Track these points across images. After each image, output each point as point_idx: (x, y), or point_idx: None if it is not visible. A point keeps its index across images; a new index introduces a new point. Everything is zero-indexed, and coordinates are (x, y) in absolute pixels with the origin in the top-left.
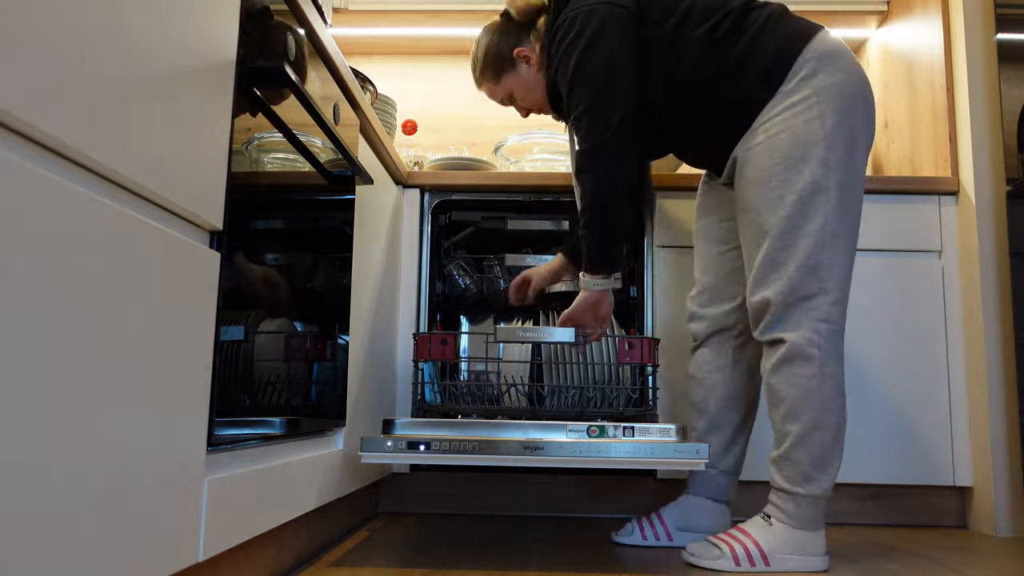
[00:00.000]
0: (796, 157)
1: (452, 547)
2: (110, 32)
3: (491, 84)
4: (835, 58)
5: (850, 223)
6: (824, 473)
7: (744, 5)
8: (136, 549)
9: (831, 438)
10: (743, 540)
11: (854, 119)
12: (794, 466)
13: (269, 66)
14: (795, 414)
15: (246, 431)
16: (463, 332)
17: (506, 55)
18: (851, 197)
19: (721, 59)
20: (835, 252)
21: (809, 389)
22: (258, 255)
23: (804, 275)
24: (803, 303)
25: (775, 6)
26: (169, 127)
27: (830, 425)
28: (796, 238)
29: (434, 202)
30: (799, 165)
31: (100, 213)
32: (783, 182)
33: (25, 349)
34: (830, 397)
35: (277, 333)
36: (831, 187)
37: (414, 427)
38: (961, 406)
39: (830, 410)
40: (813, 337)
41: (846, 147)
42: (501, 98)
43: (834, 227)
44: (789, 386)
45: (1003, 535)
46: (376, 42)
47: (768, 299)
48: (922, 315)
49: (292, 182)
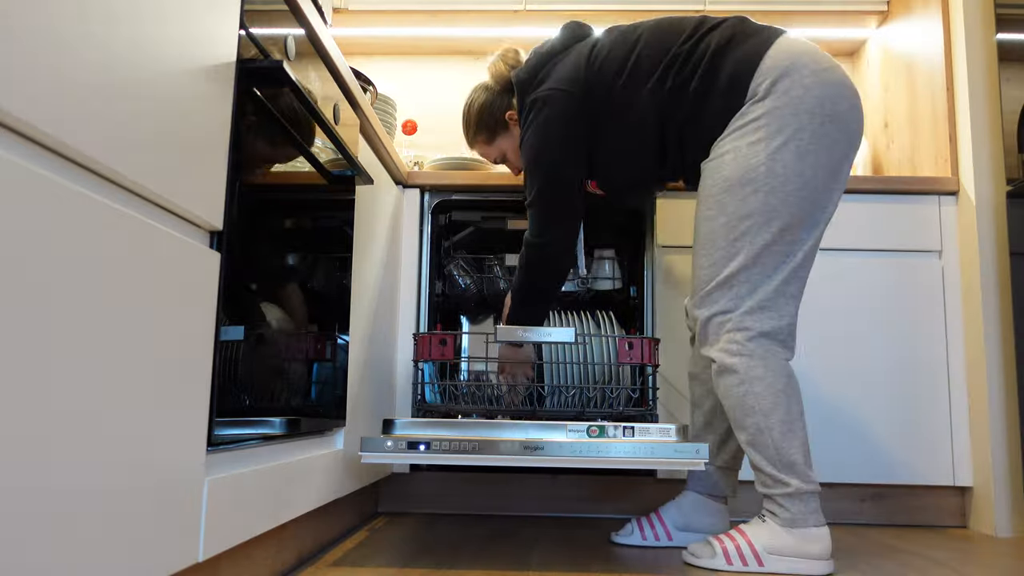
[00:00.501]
0: (734, 180)
1: (452, 547)
2: (110, 32)
3: (484, 145)
4: (790, 72)
5: (785, 249)
6: (791, 471)
7: (691, 36)
8: (136, 549)
9: (780, 435)
10: (737, 539)
11: (808, 135)
12: (759, 471)
13: (269, 66)
14: (739, 423)
15: (246, 431)
16: (463, 332)
17: (499, 117)
18: (791, 217)
19: (677, 105)
20: (755, 272)
21: (739, 396)
22: (258, 255)
23: (720, 290)
24: (716, 318)
25: (726, 24)
26: (169, 127)
27: (772, 425)
28: (717, 257)
29: (434, 202)
30: (735, 188)
31: (100, 213)
32: (718, 203)
33: (24, 349)
34: (764, 398)
35: (277, 333)
36: (763, 211)
37: (414, 427)
38: (961, 406)
39: (769, 411)
40: (730, 347)
41: (792, 167)
42: (495, 158)
43: (757, 250)
44: (726, 398)
45: (1003, 535)
46: (376, 42)
47: (694, 315)
48: (922, 315)
49: (292, 182)
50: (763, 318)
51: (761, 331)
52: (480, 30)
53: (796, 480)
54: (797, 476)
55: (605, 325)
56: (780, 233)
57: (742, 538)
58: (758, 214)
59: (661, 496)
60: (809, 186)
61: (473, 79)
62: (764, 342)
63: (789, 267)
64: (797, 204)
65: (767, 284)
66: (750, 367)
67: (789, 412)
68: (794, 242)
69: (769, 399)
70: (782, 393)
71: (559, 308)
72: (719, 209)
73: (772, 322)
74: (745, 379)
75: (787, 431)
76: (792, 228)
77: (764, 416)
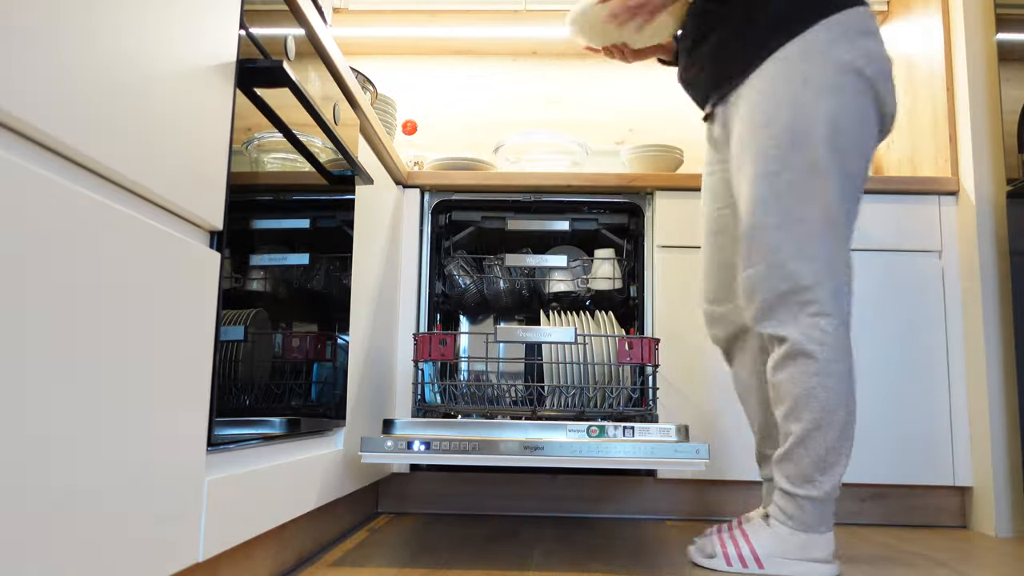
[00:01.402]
0: (799, 130)
1: (452, 547)
2: (110, 32)
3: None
4: (863, 34)
5: (849, 211)
6: (826, 475)
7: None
8: (136, 549)
9: (835, 437)
10: (738, 540)
11: (864, 103)
12: (795, 466)
13: (269, 66)
14: (797, 413)
15: (246, 431)
16: (463, 332)
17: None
18: (852, 185)
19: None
20: (833, 243)
21: (811, 387)
22: (258, 255)
23: (798, 261)
24: (795, 296)
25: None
26: (169, 127)
27: (834, 423)
28: (786, 220)
29: (434, 202)
30: (801, 140)
31: (100, 213)
32: (779, 154)
33: (24, 349)
34: (835, 394)
35: (277, 333)
36: (832, 170)
37: (414, 427)
38: (961, 406)
39: (835, 408)
40: (814, 334)
41: (852, 130)
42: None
43: (834, 215)
44: (792, 384)
45: (1003, 535)
46: (376, 42)
47: (754, 282)
48: (922, 315)
49: (292, 182)
50: (844, 302)
51: (844, 320)
52: (480, 30)
53: (829, 485)
54: (832, 480)
55: (605, 325)
56: (845, 196)
57: (743, 540)
58: (831, 173)
59: (661, 496)
60: (863, 157)
61: (473, 79)
62: (844, 334)
63: (849, 239)
64: (856, 174)
65: (844, 258)
66: (831, 360)
67: (849, 414)
68: (852, 215)
69: (839, 397)
70: (850, 393)
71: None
72: (779, 163)
73: (847, 310)
74: (823, 371)
75: (844, 433)
76: (854, 196)
77: (829, 413)
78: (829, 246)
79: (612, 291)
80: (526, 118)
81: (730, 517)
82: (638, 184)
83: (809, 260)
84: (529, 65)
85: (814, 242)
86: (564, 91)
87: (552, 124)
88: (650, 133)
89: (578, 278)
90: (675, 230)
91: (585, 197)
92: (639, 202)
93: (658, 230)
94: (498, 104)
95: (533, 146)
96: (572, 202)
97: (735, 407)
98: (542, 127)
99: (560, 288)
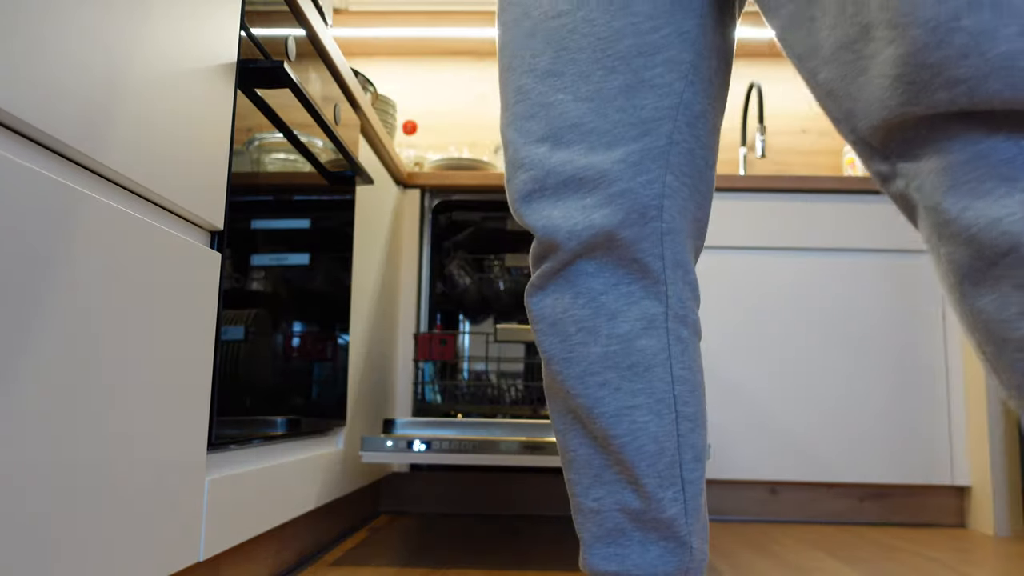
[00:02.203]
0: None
1: (452, 547)
2: (110, 32)
3: None
4: None
5: None
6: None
7: None
8: (136, 549)
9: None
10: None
11: None
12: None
13: (269, 66)
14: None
15: (246, 431)
16: (463, 332)
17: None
18: None
19: None
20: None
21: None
22: (258, 255)
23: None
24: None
25: None
26: (169, 127)
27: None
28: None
29: (434, 202)
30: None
31: (100, 213)
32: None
33: (24, 349)
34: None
35: (277, 333)
36: None
37: (414, 427)
38: (959, 406)
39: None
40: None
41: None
42: None
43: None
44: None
45: (1002, 534)
46: (376, 42)
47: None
48: (921, 315)
49: (292, 182)
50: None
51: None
52: (480, 30)
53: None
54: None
55: None
56: None
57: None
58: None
59: None
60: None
61: (474, 79)
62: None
63: None
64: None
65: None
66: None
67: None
68: None
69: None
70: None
71: None
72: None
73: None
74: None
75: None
76: None
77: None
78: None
79: None
80: None
81: (730, 516)
82: None
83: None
84: None
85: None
86: None
87: None
88: None
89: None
90: None
91: None
92: None
93: None
94: (498, 104)
95: None
96: None
97: (735, 407)
98: None
99: None
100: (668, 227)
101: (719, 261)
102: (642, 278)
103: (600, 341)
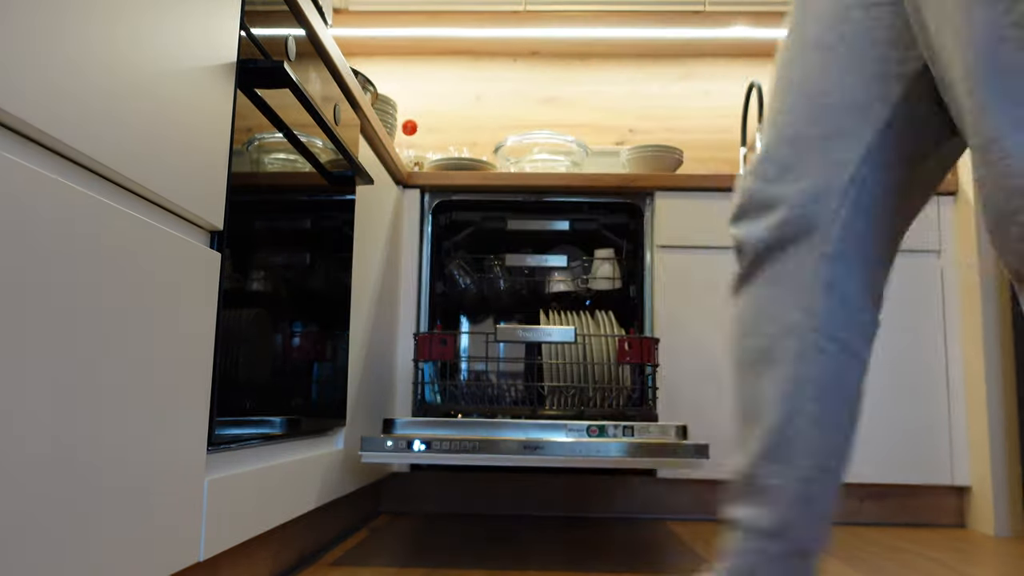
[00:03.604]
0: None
1: (452, 547)
2: (111, 32)
3: None
4: None
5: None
6: None
7: None
8: (136, 548)
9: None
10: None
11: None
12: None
13: (269, 66)
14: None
15: (246, 431)
16: (463, 332)
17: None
18: None
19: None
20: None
21: None
22: (258, 255)
23: None
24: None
25: None
26: (170, 127)
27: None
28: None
29: (434, 202)
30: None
31: (101, 213)
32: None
33: (24, 349)
34: None
35: (277, 333)
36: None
37: (414, 427)
38: (960, 406)
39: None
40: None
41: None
42: None
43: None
44: None
45: (1002, 534)
46: (376, 42)
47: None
48: (921, 315)
49: (292, 182)
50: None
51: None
52: (480, 30)
53: None
54: None
55: (605, 325)
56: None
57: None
58: None
59: (661, 495)
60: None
61: (473, 79)
62: None
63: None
64: None
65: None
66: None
67: None
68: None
69: None
70: None
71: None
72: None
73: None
74: None
75: None
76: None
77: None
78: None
79: (612, 291)
80: (526, 118)
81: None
82: (638, 184)
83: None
84: (529, 65)
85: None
86: (564, 91)
87: (552, 124)
88: (650, 133)
89: (578, 278)
90: (675, 230)
91: (585, 198)
92: (639, 202)
93: (658, 230)
94: (498, 104)
95: (533, 146)
96: (572, 202)
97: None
98: (542, 127)
99: (560, 288)
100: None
101: (719, 261)
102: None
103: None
